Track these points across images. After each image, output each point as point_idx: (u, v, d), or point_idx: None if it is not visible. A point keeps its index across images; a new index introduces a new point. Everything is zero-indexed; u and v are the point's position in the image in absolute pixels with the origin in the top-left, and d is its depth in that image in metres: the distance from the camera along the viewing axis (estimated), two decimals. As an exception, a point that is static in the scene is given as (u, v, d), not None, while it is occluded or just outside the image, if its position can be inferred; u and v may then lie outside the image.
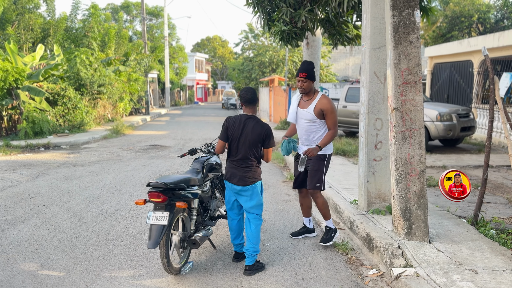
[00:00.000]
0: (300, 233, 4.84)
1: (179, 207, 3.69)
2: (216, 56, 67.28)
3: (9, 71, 12.90)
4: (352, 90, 12.69)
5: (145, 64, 24.36)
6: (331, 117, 4.31)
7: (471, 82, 13.76)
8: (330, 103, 4.31)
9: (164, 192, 3.64)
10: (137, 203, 3.73)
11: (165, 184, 3.65)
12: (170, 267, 3.67)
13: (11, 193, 6.71)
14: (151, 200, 3.64)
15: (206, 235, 4.05)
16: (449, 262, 3.64)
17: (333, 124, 4.34)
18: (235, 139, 3.92)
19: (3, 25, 18.61)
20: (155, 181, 3.68)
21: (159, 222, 3.56)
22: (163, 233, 3.54)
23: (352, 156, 9.53)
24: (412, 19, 4.04)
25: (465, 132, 10.67)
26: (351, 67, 28.29)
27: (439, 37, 25.32)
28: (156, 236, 3.51)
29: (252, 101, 3.95)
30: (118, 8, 42.77)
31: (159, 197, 3.60)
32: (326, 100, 4.32)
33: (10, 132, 13.81)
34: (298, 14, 6.96)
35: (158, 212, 3.61)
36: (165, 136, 15.36)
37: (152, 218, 3.59)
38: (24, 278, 3.75)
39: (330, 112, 4.30)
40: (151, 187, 3.67)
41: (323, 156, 4.40)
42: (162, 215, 3.58)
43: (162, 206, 3.65)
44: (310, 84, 4.36)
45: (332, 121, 4.32)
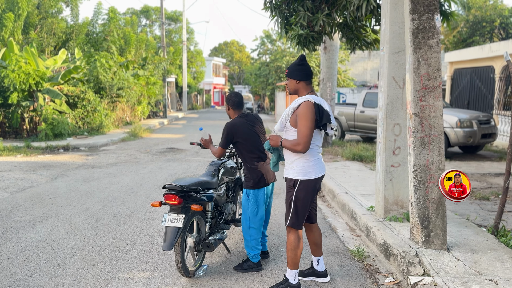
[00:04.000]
0: (306, 274, 3.87)
1: (194, 209, 3.69)
2: (233, 60, 67.60)
3: (30, 74, 13.21)
4: (370, 95, 12.57)
5: (163, 68, 24.62)
6: (299, 125, 3.25)
7: (493, 88, 13.48)
8: (303, 107, 3.27)
9: (179, 195, 3.65)
10: (153, 205, 3.76)
11: (181, 186, 3.67)
12: (184, 270, 3.68)
13: (31, 194, 6.83)
14: (166, 202, 3.65)
15: (221, 239, 4.06)
16: (468, 271, 3.55)
17: (298, 134, 3.24)
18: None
19: (26, 29, 19.07)
20: (171, 183, 3.71)
21: (174, 224, 3.57)
22: (178, 235, 3.55)
23: (369, 162, 9.42)
24: (432, 23, 3.98)
25: (486, 139, 10.44)
26: (369, 71, 28.04)
27: (460, 42, 24.94)
28: (171, 238, 3.53)
29: (240, 104, 4.19)
30: (138, 13, 43.44)
31: (174, 200, 3.60)
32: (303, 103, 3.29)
33: (31, 133, 14.12)
34: (316, 18, 6.93)
35: (174, 214, 3.62)
36: (182, 139, 15.47)
37: (167, 220, 3.61)
38: (41, 277, 3.80)
39: (299, 119, 3.27)
40: (166, 190, 3.69)
41: (293, 182, 3.42)
42: (178, 217, 3.60)
43: (177, 209, 3.66)
44: (293, 83, 3.45)
45: (299, 129, 3.25)
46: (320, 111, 3.31)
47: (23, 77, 13.01)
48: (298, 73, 3.43)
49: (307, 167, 3.37)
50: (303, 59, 3.46)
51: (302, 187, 3.39)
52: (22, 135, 14.08)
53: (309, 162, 3.38)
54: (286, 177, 3.53)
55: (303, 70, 3.44)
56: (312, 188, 3.43)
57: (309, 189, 3.41)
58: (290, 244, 3.47)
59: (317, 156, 3.46)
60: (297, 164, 3.40)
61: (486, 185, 7.46)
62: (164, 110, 26.13)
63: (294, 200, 3.42)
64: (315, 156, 3.42)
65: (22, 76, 12.99)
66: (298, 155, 3.36)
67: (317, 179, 3.45)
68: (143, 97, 21.05)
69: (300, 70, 3.44)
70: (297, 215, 3.44)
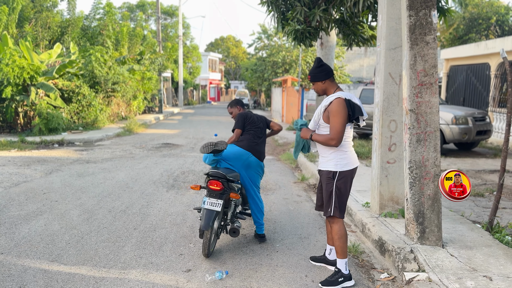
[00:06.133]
0: (318, 260, 4.12)
1: (233, 197, 4.21)
2: (229, 56, 67.42)
3: (24, 68, 13.09)
4: (366, 91, 12.57)
5: (159, 63, 24.51)
6: (332, 121, 3.51)
7: (488, 85, 13.52)
8: (335, 104, 3.50)
9: (222, 181, 4.12)
10: (193, 188, 4.31)
11: (224, 175, 4.15)
12: (208, 250, 4.06)
13: (25, 189, 6.79)
14: (209, 187, 4.08)
15: (240, 227, 4.35)
16: (463, 267, 3.57)
17: (332, 129, 3.51)
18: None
19: (21, 22, 18.88)
20: (215, 170, 4.18)
21: (213, 208, 4.02)
22: (215, 217, 4.01)
23: (365, 158, 9.44)
24: (429, 19, 3.97)
25: (481, 136, 10.48)
26: (365, 68, 28.06)
27: (456, 39, 24.97)
28: (209, 219, 3.97)
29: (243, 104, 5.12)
30: (134, 7, 43.17)
31: (217, 186, 4.05)
32: (334, 100, 3.53)
33: (25, 128, 14.01)
34: (313, 13, 6.91)
35: (213, 199, 4.06)
36: (178, 134, 15.43)
37: (207, 203, 4.05)
38: (35, 273, 3.78)
39: (331, 115, 3.51)
40: (209, 176, 4.16)
41: (332, 173, 3.62)
42: (217, 202, 4.04)
43: (217, 194, 4.09)
44: (319, 85, 3.71)
45: (331, 125, 3.51)
46: (351, 106, 3.53)
47: (17, 71, 12.89)
48: (321, 74, 3.68)
49: (344, 159, 3.60)
50: (320, 61, 3.74)
51: (342, 177, 3.60)
52: (16, 129, 13.97)
53: (344, 154, 3.61)
54: (323, 169, 3.70)
55: (324, 71, 3.69)
56: (350, 178, 3.66)
57: (347, 179, 3.64)
58: (336, 233, 3.65)
59: (350, 148, 3.68)
60: (334, 156, 3.62)
61: (480, 181, 7.49)
62: (160, 105, 26.03)
63: (335, 191, 3.61)
64: (348, 148, 3.65)
65: (17, 70, 12.87)
66: (333, 148, 3.60)
67: (354, 169, 3.68)
68: (139, 92, 20.95)
69: (321, 71, 3.69)
70: (339, 204, 3.63)
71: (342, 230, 3.65)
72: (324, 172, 3.68)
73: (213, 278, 3.69)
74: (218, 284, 3.63)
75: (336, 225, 3.66)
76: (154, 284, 3.61)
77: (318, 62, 3.72)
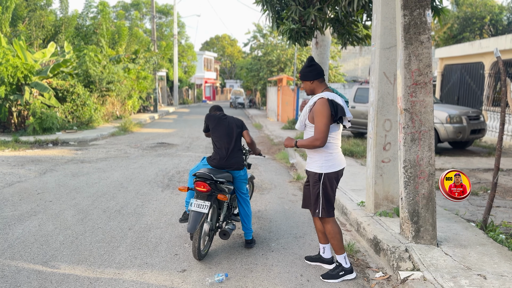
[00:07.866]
0: (314, 260, 4.12)
1: (220, 199, 4.10)
2: (225, 55, 67.31)
3: (18, 67, 13.00)
4: (361, 91, 12.59)
5: (154, 62, 24.43)
6: (315, 121, 3.50)
7: (482, 84, 13.59)
8: (318, 105, 3.49)
9: (208, 183, 4.01)
10: (180, 190, 4.25)
11: (212, 176, 4.03)
12: (199, 252, 3.96)
13: (19, 189, 6.74)
14: (196, 188, 3.99)
15: (232, 229, 4.28)
16: (457, 266, 3.58)
17: (315, 129, 3.50)
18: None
19: (14, 21, 18.74)
20: (202, 171, 4.06)
21: (200, 209, 3.91)
22: (202, 219, 3.89)
23: (360, 157, 9.46)
24: (423, 19, 3.98)
25: (475, 135, 10.53)
26: (360, 67, 28.11)
27: (450, 38, 25.07)
28: (195, 221, 3.86)
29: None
30: (129, 6, 42.96)
31: (204, 187, 3.96)
32: (318, 101, 3.52)
33: (19, 128, 13.92)
34: (307, 12, 6.91)
35: (200, 200, 3.96)
36: (173, 134, 15.39)
37: (193, 205, 3.95)
38: (29, 274, 3.75)
39: (315, 115, 3.50)
40: (196, 177, 4.03)
41: (318, 175, 3.63)
42: (204, 203, 3.94)
43: (204, 196, 4.00)
44: (308, 84, 3.69)
45: (315, 125, 3.50)
46: (334, 106, 3.50)
47: (11, 70, 12.79)
48: (310, 74, 3.66)
49: (329, 161, 3.61)
50: (311, 61, 3.71)
51: (327, 179, 3.62)
52: (10, 129, 13.87)
53: (330, 156, 3.61)
54: (309, 170, 3.72)
55: (313, 70, 3.66)
56: (336, 179, 3.67)
57: (333, 180, 3.65)
58: (330, 233, 3.71)
59: (337, 149, 3.67)
60: (320, 158, 3.63)
61: (475, 180, 7.53)
62: (155, 105, 25.95)
63: (321, 192, 3.64)
64: (334, 150, 3.64)
65: (10, 70, 12.78)
66: (318, 150, 3.60)
67: (340, 171, 3.69)
68: (134, 91, 20.86)
69: (311, 71, 3.66)
70: (327, 205, 3.66)
71: (335, 228, 3.70)
72: (310, 173, 3.72)
73: (213, 282, 3.66)
74: (213, 284, 3.62)
75: (328, 224, 3.71)
76: (149, 285, 3.60)
77: (309, 61, 3.71)
